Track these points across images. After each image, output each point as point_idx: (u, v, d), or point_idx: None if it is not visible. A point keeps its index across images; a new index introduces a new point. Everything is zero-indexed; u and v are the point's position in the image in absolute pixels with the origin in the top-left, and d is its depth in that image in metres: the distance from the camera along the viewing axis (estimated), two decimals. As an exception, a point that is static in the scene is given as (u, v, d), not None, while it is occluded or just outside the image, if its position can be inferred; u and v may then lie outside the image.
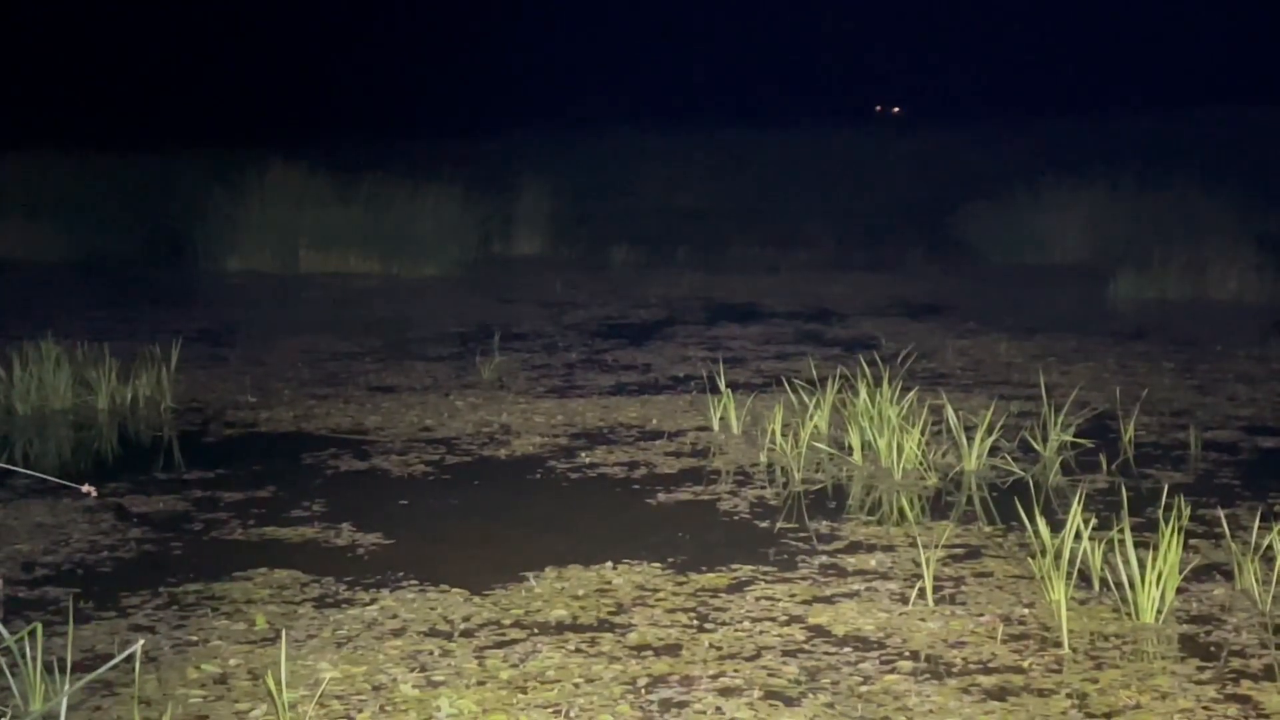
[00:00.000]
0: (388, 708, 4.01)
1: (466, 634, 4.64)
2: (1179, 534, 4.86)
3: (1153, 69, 40.15)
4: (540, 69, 43.49)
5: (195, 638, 4.62)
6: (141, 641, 4.36)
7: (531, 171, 20.09)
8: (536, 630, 4.67)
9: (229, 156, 19.35)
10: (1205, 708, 4.00)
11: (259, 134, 25.74)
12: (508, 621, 4.76)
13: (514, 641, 4.56)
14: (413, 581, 5.19)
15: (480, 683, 4.20)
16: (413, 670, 4.30)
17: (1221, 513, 5.67)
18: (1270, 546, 5.15)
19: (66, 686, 3.80)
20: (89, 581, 5.27)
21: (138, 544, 5.76)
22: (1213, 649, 4.49)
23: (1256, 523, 5.36)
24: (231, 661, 4.39)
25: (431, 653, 4.46)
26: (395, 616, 4.81)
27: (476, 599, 4.98)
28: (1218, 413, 8.21)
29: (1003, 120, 29.38)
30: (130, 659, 4.07)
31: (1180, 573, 4.86)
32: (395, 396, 8.85)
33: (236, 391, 9.03)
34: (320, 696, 4.02)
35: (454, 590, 5.07)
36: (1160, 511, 5.32)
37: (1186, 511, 5.23)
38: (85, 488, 4.62)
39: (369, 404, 8.60)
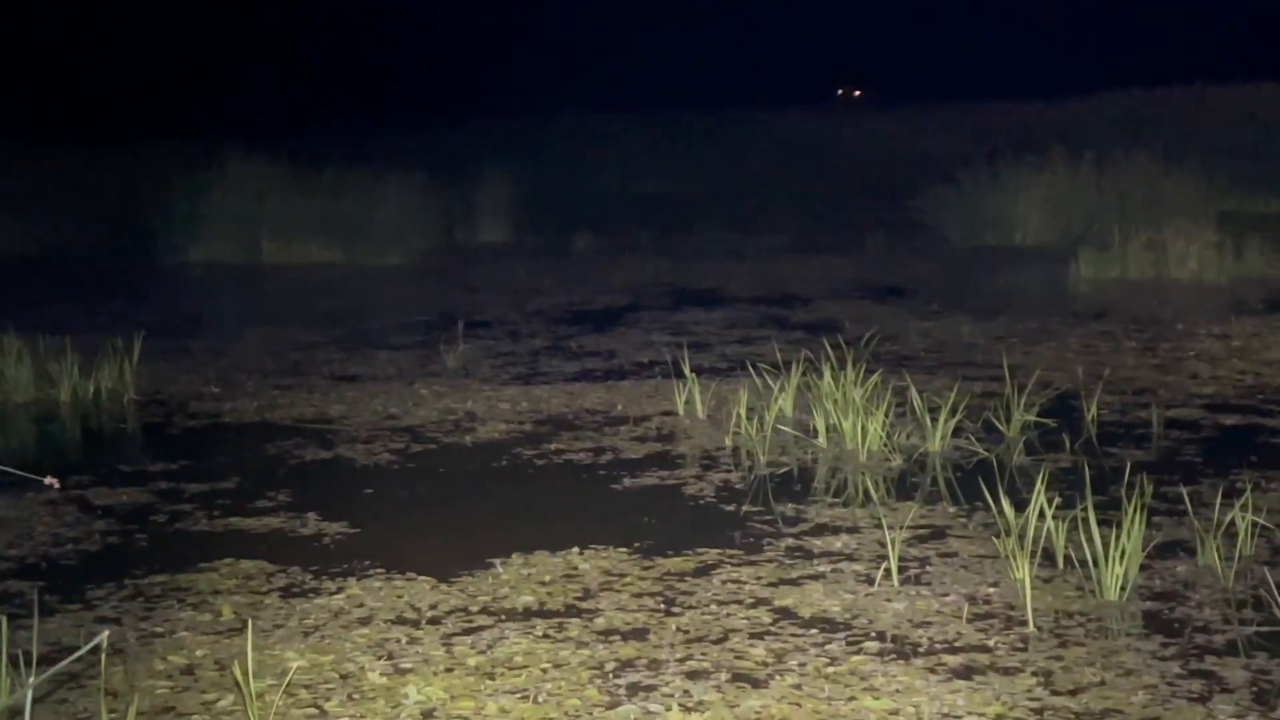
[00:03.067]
0: (355, 696, 4.01)
1: (434, 621, 4.64)
2: (1142, 512, 4.89)
3: (1112, 50, 40.29)
4: (501, 58, 43.40)
5: (161, 629, 4.61)
6: (106, 633, 4.34)
7: (493, 159, 20.07)
8: (504, 617, 4.67)
9: (190, 148, 19.28)
10: (1169, 684, 4.03)
11: (220, 125, 25.63)
12: (475, 608, 4.76)
13: (481, 628, 4.56)
14: (379, 570, 5.19)
15: (448, 670, 4.20)
16: (380, 658, 4.30)
17: (1184, 490, 5.70)
18: (1232, 523, 5.18)
19: (32, 679, 3.78)
20: (53, 574, 5.25)
21: (102, 536, 5.75)
22: (1176, 625, 4.52)
23: (1219, 500, 5.39)
24: (198, 652, 4.39)
25: (399, 640, 4.45)
26: (362, 605, 4.81)
27: (443, 586, 4.98)
28: (1179, 391, 8.25)
29: (964, 103, 29.44)
30: (96, 651, 4.05)
31: (1143, 550, 4.89)
32: (359, 385, 8.83)
33: (200, 383, 9.00)
34: (288, 686, 4.01)
35: (421, 578, 5.07)
36: (1123, 490, 5.35)
37: (1149, 489, 5.27)
38: (48, 481, 4.60)
39: (333, 393, 8.59)
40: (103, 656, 4.17)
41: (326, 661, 4.28)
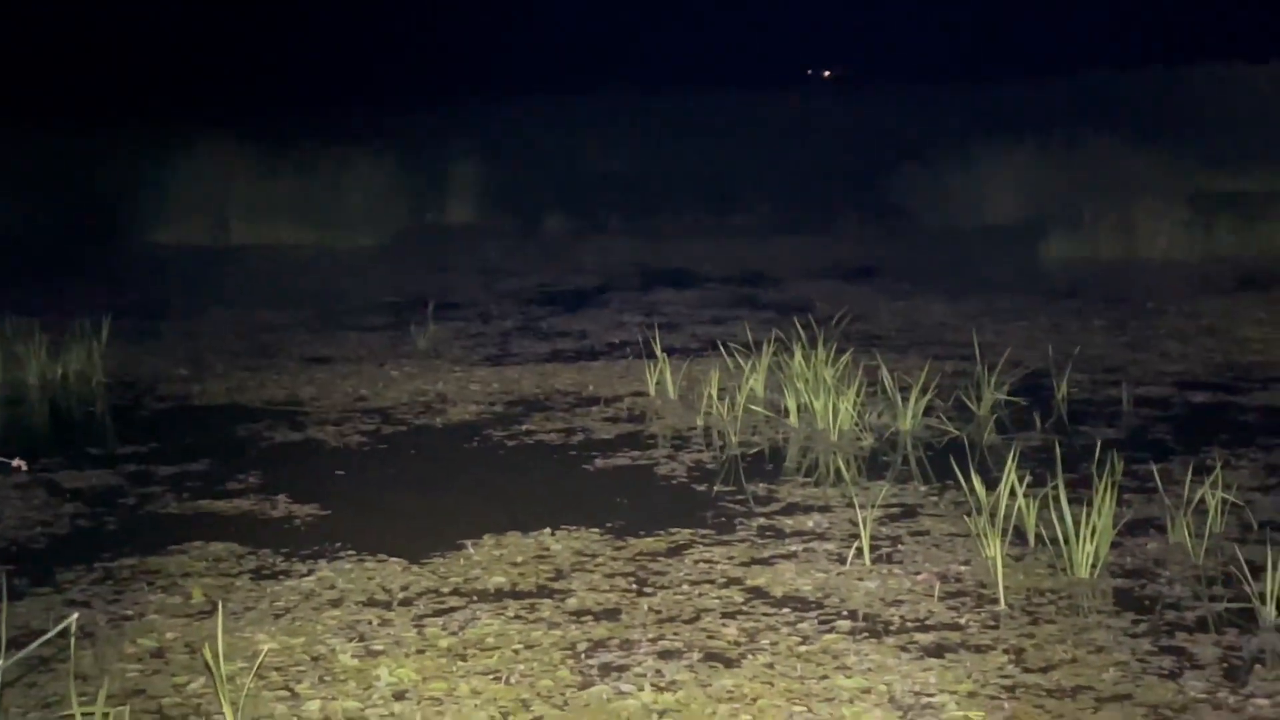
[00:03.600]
0: (327, 678, 4.00)
1: (405, 603, 4.63)
2: (1112, 489, 4.91)
3: (1080, 29, 40.32)
4: (472, 39, 43.26)
5: (131, 612, 4.59)
6: (76, 616, 4.32)
7: (463, 140, 20.00)
8: (475, 598, 4.67)
9: (158, 129, 19.16)
10: (1140, 660, 4.04)
11: (187, 106, 25.48)
12: (446, 590, 4.75)
13: (453, 609, 4.55)
14: (350, 552, 5.17)
15: (420, 651, 4.19)
16: (351, 640, 4.29)
17: (1154, 467, 5.71)
18: (1202, 500, 5.20)
19: (1, 663, 3.76)
20: (22, 557, 5.22)
21: (71, 519, 5.72)
22: (1147, 602, 4.54)
23: (1188, 477, 5.41)
24: (168, 635, 4.37)
25: (370, 622, 4.44)
26: (333, 587, 4.80)
27: (415, 568, 4.97)
28: (1149, 369, 8.27)
29: (934, 83, 29.44)
30: (65, 634, 4.03)
31: (1114, 527, 4.90)
32: (329, 367, 8.81)
33: (169, 365, 8.96)
34: (259, 668, 4.00)
35: (392, 560, 5.06)
36: (1094, 467, 5.36)
37: (1120, 467, 5.28)
38: (16, 463, 4.58)
39: (303, 375, 8.56)
40: (72, 640, 4.15)
41: (298, 644, 4.26)
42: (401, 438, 7.04)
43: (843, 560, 4.97)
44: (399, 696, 3.88)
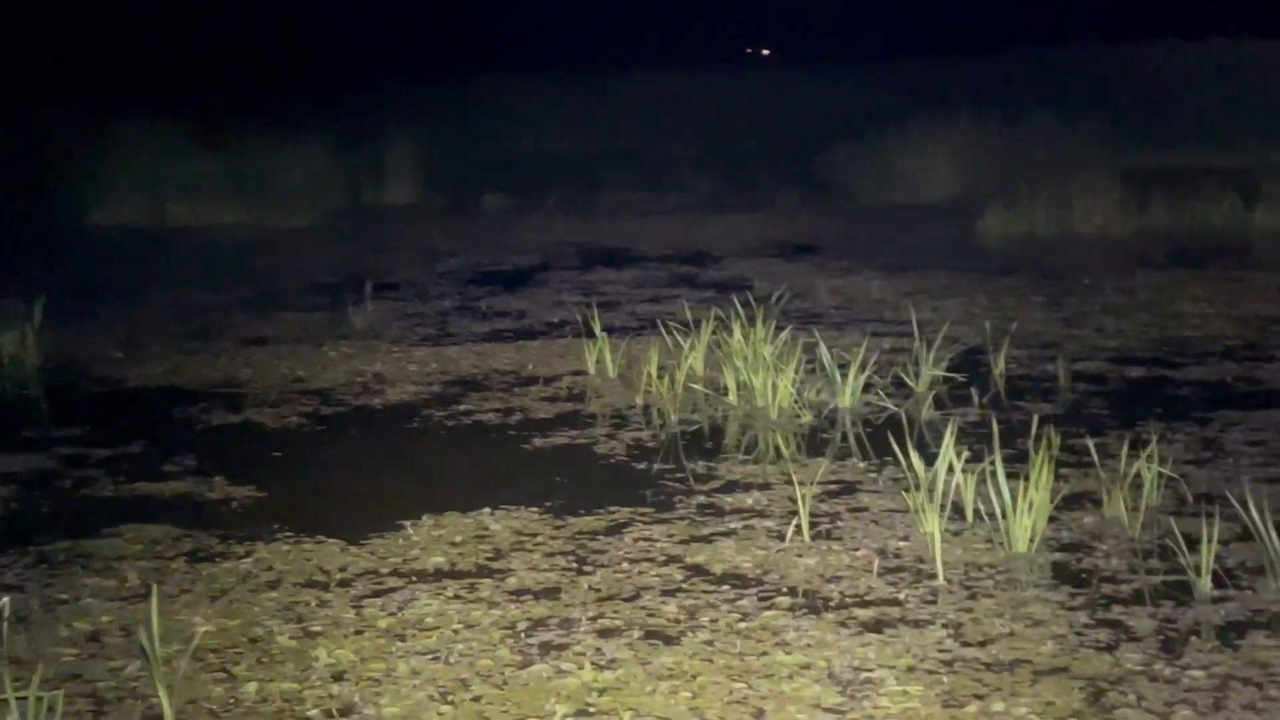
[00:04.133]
0: (264, 660, 3.98)
1: (343, 584, 4.61)
2: (1049, 464, 4.93)
3: (1017, 6, 40.48)
4: (409, 17, 43.03)
5: (66, 596, 4.56)
6: (8, 600, 4.29)
7: (402, 119, 19.89)
8: (414, 578, 4.65)
9: (92, 109, 18.97)
10: (1078, 633, 4.07)
11: (124, 86, 25.24)
12: (385, 570, 4.73)
13: (392, 590, 4.54)
14: (288, 533, 5.14)
15: (358, 632, 4.17)
16: (289, 622, 4.27)
17: (1090, 442, 5.75)
18: (1138, 474, 5.24)
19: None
20: (-45, 542, 5.17)
21: (4, 503, 5.67)
22: (1084, 575, 4.57)
23: (1124, 451, 5.44)
24: (104, 618, 4.34)
25: (308, 604, 4.42)
26: (270, 568, 4.77)
27: (353, 549, 4.95)
28: (1086, 344, 8.33)
29: (872, 61, 29.50)
30: (-1, 619, 4.00)
31: (1051, 502, 4.93)
32: (267, 348, 8.75)
33: (104, 347, 8.88)
34: (195, 650, 3.97)
35: (330, 541, 5.03)
36: (1031, 443, 5.38)
37: (1056, 442, 5.30)
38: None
39: (240, 357, 8.50)
40: (5, 624, 4.12)
41: (234, 625, 4.24)
42: (339, 418, 7.01)
43: (782, 537, 4.98)
44: (337, 677, 3.86)
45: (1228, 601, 4.32)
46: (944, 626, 4.14)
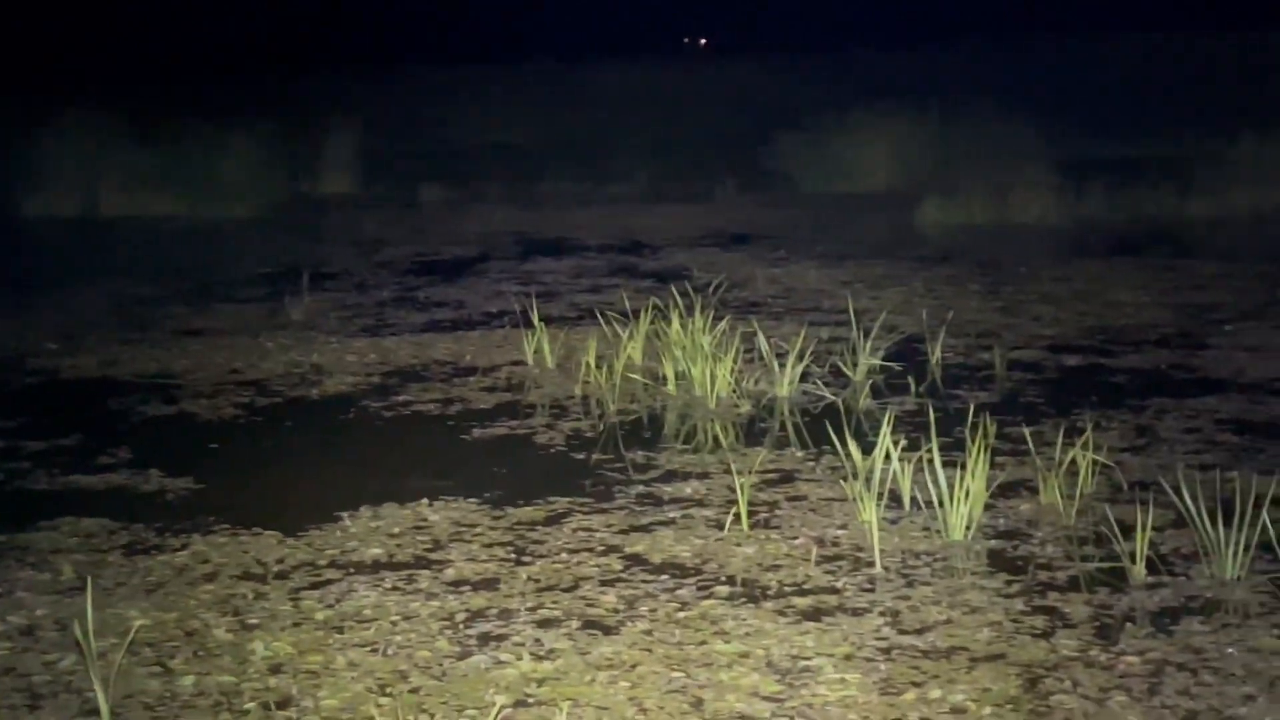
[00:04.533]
0: (201, 653, 3.96)
1: (280, 576, 4.58)
2: (986, 452, 4.96)
3: (952, 0, 40.67)
4: (348, 7, 42.82)
5: (-1, 590, 4.52)
6: (-58, 596, 4.25)
7: (340, 110, 19.78)
8: (352, 570, 4.64)
9: (24, 98, 18.79)
10: (1014, 620, 4.10)
11: (56, 75, 25.03)
12: (323, 562, 4.71)
13: (329, 582, 4.52)
14: (224, 525, 5.11)
15: (296, 624, 4.16)
16: (226, 614, 4.24)
17: (1026, 430, 5.79)
18: (1074, 461, 5.28)
19: None
20: (-114, 537, 5.11)
21: (-63, 497, 5.61)
22: (1020, 563, 4.60)
23: (1060, 439, 5.48)
24: (38, 612, 4.30)
25: (245, 596, 4.40)
26: (207, 561, 4.74)
27: (290, 541, 4.93)
28: (1022, 333, 8.38)
29: (811, 51, 29.61)
30: (-70, 614, 3.96)
31: (987, 490, 4.96)
32: (203, 340, 8.69)
33: (38, 338, 8.79)
34: (131, 644, 3.94)
35: (267, 533, 5.01)
36: (967, 431, 5.42)
37: (993, 430, 5.35)
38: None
39: (176, 348, 8.44)
40: (-63, 619, 4.08)
41: (170, 619, 4.21)
42: (276, 410, 6.97)
43: (720, 526, 4.99)
44: (275, 670, 3.84)
45: (1162, 588, 4.36)
46: (882, 614, 4.16)
